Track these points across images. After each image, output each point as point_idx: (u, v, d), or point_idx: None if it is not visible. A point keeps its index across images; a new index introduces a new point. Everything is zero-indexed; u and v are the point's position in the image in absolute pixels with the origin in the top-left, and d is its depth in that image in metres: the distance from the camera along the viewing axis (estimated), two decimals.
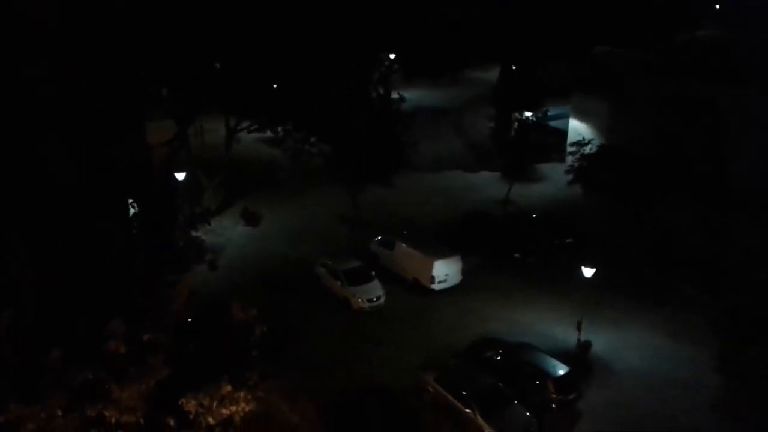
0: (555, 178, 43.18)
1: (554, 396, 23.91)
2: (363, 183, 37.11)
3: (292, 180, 42.39)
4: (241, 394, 16.84)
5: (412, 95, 51.51)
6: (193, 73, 34.69)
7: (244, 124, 39.16)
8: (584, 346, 26.99)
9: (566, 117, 46.72)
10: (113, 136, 24.64)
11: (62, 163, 22.07)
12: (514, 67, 48.71)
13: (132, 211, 24.56)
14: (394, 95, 39.61)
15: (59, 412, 15.12)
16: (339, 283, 30.59)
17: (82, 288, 18.04)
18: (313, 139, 37.18)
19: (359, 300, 29.94)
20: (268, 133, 39.61)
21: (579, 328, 26.93)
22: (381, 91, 41.00)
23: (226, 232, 36.37)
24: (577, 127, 45.39)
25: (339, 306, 30.23)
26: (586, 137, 40.66)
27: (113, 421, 15.48)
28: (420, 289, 31.30)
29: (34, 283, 17.91)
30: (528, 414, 22.97)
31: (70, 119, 22.33)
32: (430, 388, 24.40)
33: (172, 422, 16.07)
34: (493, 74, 53.34)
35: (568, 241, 35.44)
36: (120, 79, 23.97)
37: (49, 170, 22.08)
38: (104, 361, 15.90)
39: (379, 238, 34.25)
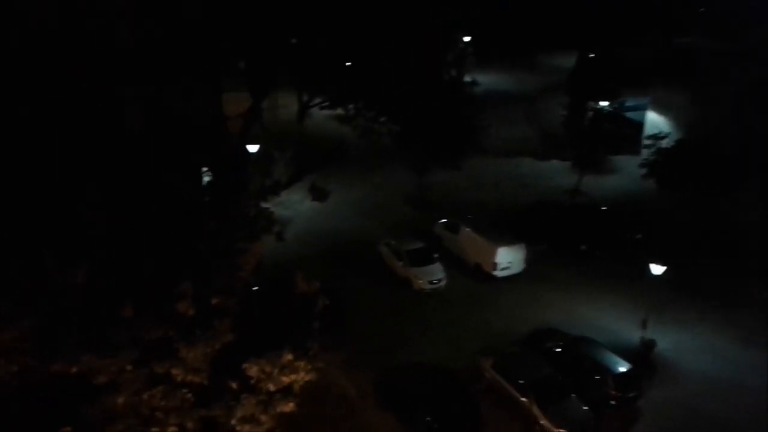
0: (628, 171, 42.00)
1: (614, 393, 23.49)
2: (431, 165, 37.01)
3: (360, 158, 42.61)
4: (302, 364, 17.17)
5: (485, 79, 50.91)
6: (270, 48, 35.15)
7: (317, 101, 39.56)
8: (648, 345, 26.33)
9: (644, 109, 45.24)
10: (192, 103, 25.36)
11: (143, 123, 22.83)
12: (592, 55, 47.42)
13: (206, 179, 25.23)
14: (467, 78, 39.23)
15: (129, 367, 15.76)
16: (401, 262, 30.74)
17: (155, 248, 18.68)
18: (383, 119, 37.23)
19: (420, 281, 30.03)
20: (339, 111, 39.88)
21: (644, 326, 26.27)
22: (454, 73, 40.67)
23: (294, 205, 37.02)
24: (654, 120, 43.94)
25: (399, 285, 30.41)
26: (663, 131, 39.35)
27: (179, 379, 16.04)
28: (482, 274, 31.14)
29: (110, 237, 18.56)
30: (585, 408, 22.66)
31: (151, 77, 23.05)
32: (487, 374, 24.35)
33: (234, 385, 16.53)
34: (569, 61, 52.07)
35: (637, 236, 34.51)
36: (201, 48, 24.57)
37: (129, 128, 22.86)
38: (173, 321, 16.49)
39: (444, 220, 34.18)
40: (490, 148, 43.22)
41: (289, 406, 16.65)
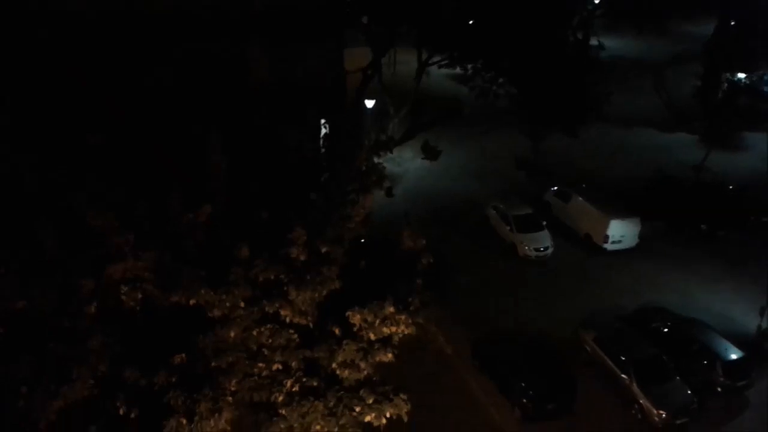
0: (760, 150, 39.21)
1: (722, 379, 22.50)
2: (547, 130, 36.07)
3: (474, 120, 42.14)
4: (402, 317, 17.51)
5: (612, 44, 48.62)
6: (393, 4, 35.13)
7: (436, 59, 39.26)
8: (765, 334, 24.89)
9: None
10: (314, 57, 25.94)
11: (267, 76, 23.62)
12: (733, 22, 44.08)
13: (323, 131, 25.89)
14: (593, 42, 37.59)
15: (242, 304, 16.69)
16: (508, 227, 30.45)
17: (273, 194, 19.51)
18: (501, 80, 36.54)
19: (526, 247, 29.68)
20: (458, 70, 39.45)
21: (762, 314, 24.81)
22: (579, 36, 39.04)
23: (405, 162, 37.34)
24: None
25: (504, 250, 30.19)
26: None
27: (287, 320, 16.83)
28: (591, 246, 30.34)
29: (231, 181, 19.53)
30: (689, 392, 21.87)
31: (277, 35, 23.75)
32: (587, 347, 23.94)
33: (337, 331, 17.16)
34: (705, 28, 48.70)
35: (765, 219, 32.33)
36: (326, 5, 25.00)
37: (255, 81, 23.75)
38: (285, 265, 17.27)
39: (556, 188, 33.41)
40: (611, 116, 41.46)
41: (387, 356, 17.08)
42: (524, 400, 21.53)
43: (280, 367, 16.59)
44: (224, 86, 23.41)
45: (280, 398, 16.30)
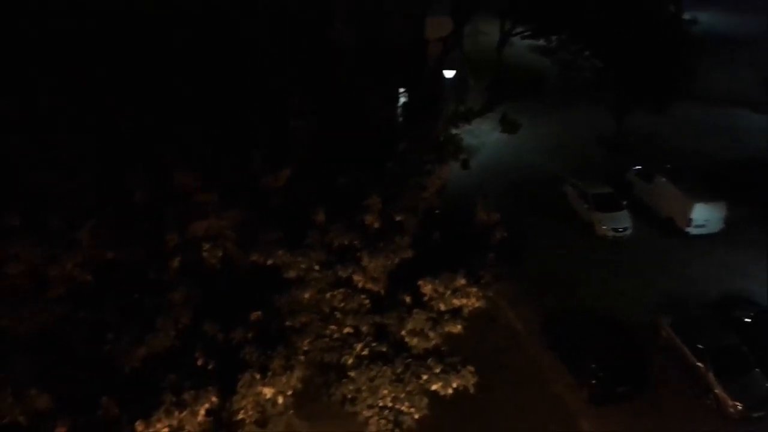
0: None
1: None
2: (632, 106, 34.81)
3: (556, 93, 41.08)
4: (473, 290, 17.54)
5: (707, 18, 46.20)
6: None
7: (519, 30, 38.40)
8: None
9: None
10: (396, 25, 25.83)
11: (352, 42, 23.71)
12: None
13: (402, 100, 25.89)
14: (686, 16, 35.81)
15: (316, 267, 17.08)
16: (586, 206, 29.77)
17: (350, 161, 19.72)
18: (587, 53, 35.39)
19: (604, 227, 28.98)
20: (541, 42, 38.45)
21: None
22: (672, 9, 37.26)
23: (482, 135, 36.86)
24: None
25: (581, 229, 29.57)
26: None
27: (359, 285, 17.13)
28: (673, 229, 29.30)
29: (312, 146, 19.84)
30: None
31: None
32: (663, 333, 23.30)
33: (407, 299, 17.34)
34: None
35: None
36: None
37: (339, 46, 23.87)
38: (360, 231, 17.52)
39: (638, 167, 32.33)
40: (702, 94, 39.60)
41: (456, 328, 17.19)
42: (593, 382, 21.22)
43: (351, 330, 16.95)
44: (309, 48, 23.62)
45: (350, 361, 16.68)
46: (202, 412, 14.75)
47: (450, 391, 16.63)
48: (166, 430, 14.50)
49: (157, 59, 21.15)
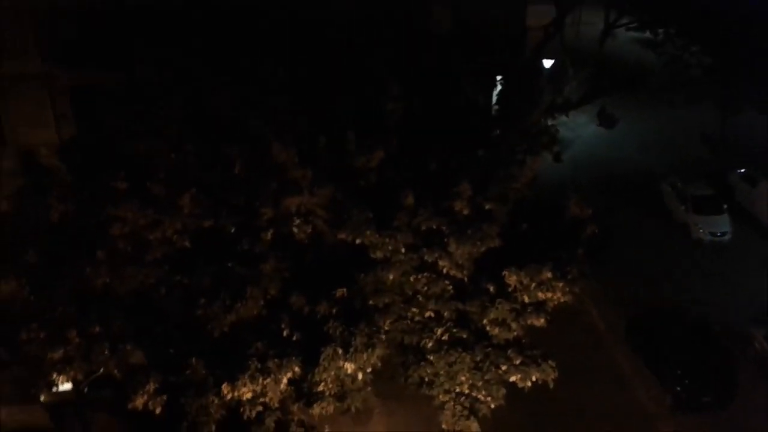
0: None
1: None
2: (743, 105, 32.98)
3: (659, 89, 39.44)
4: (559, 284, 17.21)
5: None
6: None
7: (624, 21, 36.98)
8: None
9: None
10: (496, 11, 25.47)
11: (449, 25, 23.56)
12: None
13: (498, 87, 25.57)
14: None
15: (403, 249, 17.17)
16: (683, 206, 28.60)
17: (442, 146, 19.69)
18: (695, 48, 33.78)
19: (701, 230, 27.79)
20: (647, 34, 36.95)
21: None
22: None
23: (579, 127, 35.94)
24: None
25: (676, 230, 28.46)
26: None
27: (444, 271, 17.13)
28: None
29: (404, 129, 19.91)
30: None
31: None
32: (756, 344, 22.20)
33: (491, 288, 17.23)
34: None
35: None
36: None
37: (435, 29, 23.77)
38: (448, 217, 17.49)
39: (743, 170, 30.72)
40: None
41: (539, 321, 16.96)
42: (678, 388, 20.50)
43: (433, 314, 17.02)
44: (405, 31, 23.67)
45: (430, 344, 16.79)
46: (285, 380, 15.24)
47: (529, 384, 16.48)
48: (250, 394, 15.07)
49: (257, 37, 21.81)
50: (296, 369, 15.35)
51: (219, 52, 20.67)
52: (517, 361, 16.56)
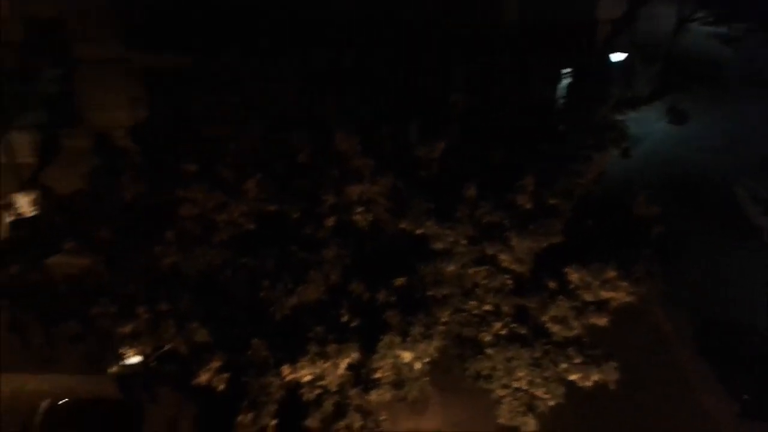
0: None
1: None
2: None
3: (736, 85, 37.98)
4: (624, 284, 16.89)
5: None
6: None
7: (699, 15, 35.81)
8: None
9: None
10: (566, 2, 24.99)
11: (516, 16, 23.28)
12: None
13: (565, 81, 25.13)
14: None
15: (463, 241, 17.14)
16: (759, 209, 27.54)
17: (505, 138, 19.51)
18: None
19: None
20: (724, 30, 35.63)
21: None
22: None
23: (648, 124, 34.87)
24: None
25: (749, 234, 27.41)
26: None
27: (504, 265, 17.01)
28: None
29: (467, 119, 19.80)
30: None
31: None
32: None
33: (552, 285, 17.01)
34: None
35: None
36: None
37: (504, 21, 23.50)
38: (510, 211, 17.34)
39: None
40: None
41: (601, 320, 16.68)
42: (746, 397, 19.84)
43: (491, 308, 16.94)
44: (471, 21, 23.49)
45: (487, 338, 16.72)
46: (343, 365, 15.45)
47: (589, 383, 16.24)
48: (309, 377, 15.36)
49: (324, 26, 22.02)
50: (354, 355, 15.54)
51: (288, 41, 20.99)
52: (577, 360, 16.33)
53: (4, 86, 28.52)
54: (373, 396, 16.21)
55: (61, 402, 20.59)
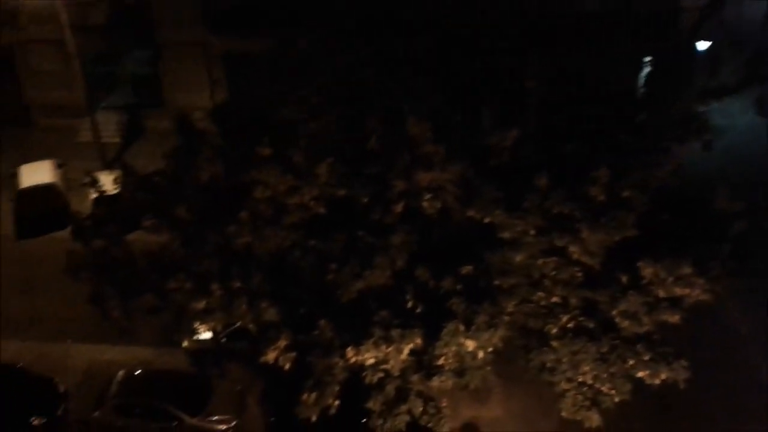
0: None
1: None
2: None
3: None
4: (700, 281, 16.36)
5: None
6: None
7: None
8: None
9: None
10: None
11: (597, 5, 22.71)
12: None
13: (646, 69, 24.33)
14: None
15: (532, 231, 16.92)
16: None
17: (579, 127, 19.09)
18: None
19: None
20: None
21: None
22: None
23: (733, 115, 33.38)
24: None
25: None
26: None
27: (574, 257, 16.70)
28: None
29: (542, 108, 19.47)
30: None
31: None
32: None
33: (624, 279, 16.62)
34: None
35: None
36: None
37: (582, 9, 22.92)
38: (582, 202, 16.98)
39: None
40: None
41: (674, 317, 16.23)
42: None
43: (559, 300, 16.70)
44: (551, 9, 23.00)
45: (554, 330, 16.53)
46: (407, 351, 15.58)
47: (657, 381, 15.85)
48: (373, 360, 15.58)
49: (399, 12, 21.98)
50: (418, 341, 15.65)
51: (364, 27, 21.09)
52: (646, 357, 15.96)
53: (91, 68, 29.86)
54: (435, 382, 16.31)
55: (136, 372, 21.66)
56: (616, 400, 16.10)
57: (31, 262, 25.97)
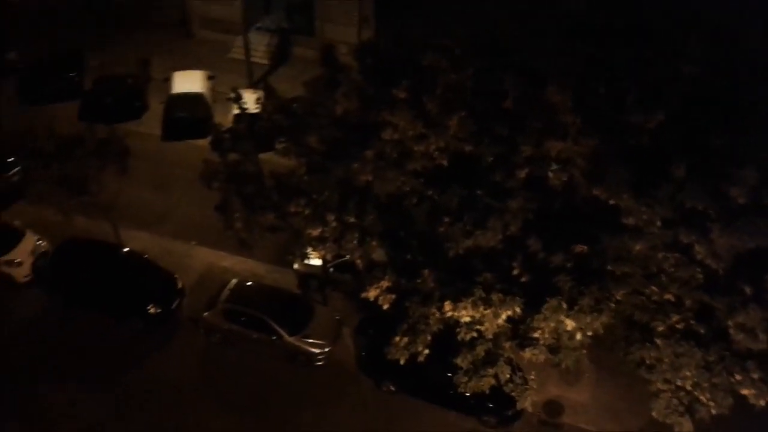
0: None
1: None
2: None
3: None
4: None
5: None
6: None
7: None
8: None
9: None
10: None
11: None
12: None
13: None
14: None
15: (658, 222, 15.94)
16: None
17: (733, 115, 17.68)
18: None
19: None
20: None
21: None
22: None
23: None
24: None
25: None
26: None
27: (698, 257, 15.68)
28: None
29: (693, 92, 18.05)
30: None
31: None
32: None
33: (747, 290, 15.57)
34: None
35: None
36: None
37: None
38: (718, 200, 15.85)
39: None
40: None
41: None
42: None
43: (672, 299, 15.93)
44: None
45: (660, 328, 15.86)
46: (504, 316, 15.55)
47: (762, 403, 14.94)
48: (468, 318, 15.68)
49: None
50: (517, 309, 15.56)
51: None
52: (755, 376, 15.05)
53: None
54: (527, 354, 16.22)
55: (248, 283, 22.95)
56: (714, 412, 15.34)
57: (171, 163, 27.72)
